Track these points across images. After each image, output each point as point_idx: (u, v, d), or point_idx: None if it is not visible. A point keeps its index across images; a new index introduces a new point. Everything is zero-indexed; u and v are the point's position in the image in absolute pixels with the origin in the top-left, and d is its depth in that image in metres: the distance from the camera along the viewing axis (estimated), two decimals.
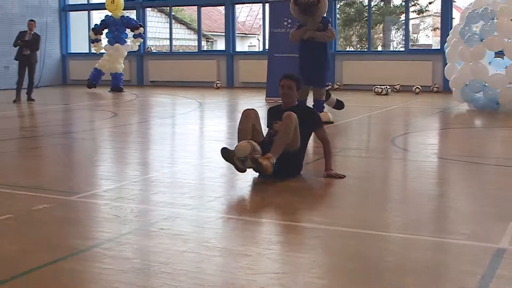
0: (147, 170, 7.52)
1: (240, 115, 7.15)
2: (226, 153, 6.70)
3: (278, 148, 6.60)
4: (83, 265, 4.00)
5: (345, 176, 6.86)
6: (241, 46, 37.66)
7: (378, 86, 20.39)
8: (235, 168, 6.76)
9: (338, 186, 6.55)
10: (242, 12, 42.27)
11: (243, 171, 6.74)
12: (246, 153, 6.56)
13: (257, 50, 38.87)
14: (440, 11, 22.12)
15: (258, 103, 16.69)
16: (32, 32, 18.83)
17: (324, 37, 11.98)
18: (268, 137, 7.04)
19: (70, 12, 27.56)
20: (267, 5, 21.31)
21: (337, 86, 21.99)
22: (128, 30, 23.30)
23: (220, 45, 35.25)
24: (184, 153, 8.92)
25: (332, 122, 11.95)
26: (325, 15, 12.37)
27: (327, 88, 12.46)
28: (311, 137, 7.42)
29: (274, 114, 7.25)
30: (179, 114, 15.06)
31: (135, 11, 26.29)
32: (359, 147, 9.44)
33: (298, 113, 6.86)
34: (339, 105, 12.99)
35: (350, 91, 20.97)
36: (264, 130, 7.39)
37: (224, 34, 25.38)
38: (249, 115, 7.00)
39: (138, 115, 14.80)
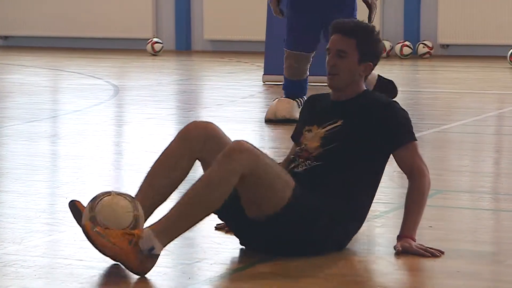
0: None
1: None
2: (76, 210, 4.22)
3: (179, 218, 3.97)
4: None
5: (443, 252, 4.40)
6: None
7: None
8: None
9: None
10: None
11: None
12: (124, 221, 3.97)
13: None
14: None
15: (249, 88, 11.37)
16: None
17: None
18: (286, 164, 4.57)
19: None
20: None
21: (427, 50, 16.15)
22: None
23: None
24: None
25: None
26: None
27: None
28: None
29: (313, 111, 4.65)
30: (63, 113, 10.10)
31: None
32: (476, 188, 6.63)
33: (360, 116, 4.51)
34: (386, 86, 9.18)
35: (453, 59, 15.41)
36: (283, 152, 5.78)
37: None
38: (197, 135, 4.39)
39: None
